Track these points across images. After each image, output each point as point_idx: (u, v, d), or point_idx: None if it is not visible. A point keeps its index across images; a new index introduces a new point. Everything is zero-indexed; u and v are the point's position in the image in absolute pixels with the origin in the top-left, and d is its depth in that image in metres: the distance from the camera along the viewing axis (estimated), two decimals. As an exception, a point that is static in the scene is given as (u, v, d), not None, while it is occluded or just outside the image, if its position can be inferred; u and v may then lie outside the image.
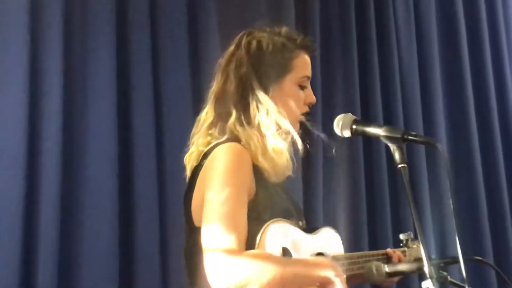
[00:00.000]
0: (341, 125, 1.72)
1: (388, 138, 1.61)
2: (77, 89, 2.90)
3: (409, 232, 2.20)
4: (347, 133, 1.72)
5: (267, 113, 1.77)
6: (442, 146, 1.65)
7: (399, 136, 1.60)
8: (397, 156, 1.58)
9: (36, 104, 2.76)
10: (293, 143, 1.82)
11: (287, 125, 1.79)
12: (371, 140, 3.56)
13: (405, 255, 2.15)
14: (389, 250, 2.14)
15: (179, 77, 3.11)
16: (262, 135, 1.76)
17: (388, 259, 2.10)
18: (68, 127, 2.82)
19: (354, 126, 1.71)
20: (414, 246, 2.19)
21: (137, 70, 3.02)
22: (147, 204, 2.92)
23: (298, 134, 1.83)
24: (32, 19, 2.79)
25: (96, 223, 2.78)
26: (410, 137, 1.60)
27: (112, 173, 2.85)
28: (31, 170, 2.70)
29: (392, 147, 1.59)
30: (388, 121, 3.70)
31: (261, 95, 1.78)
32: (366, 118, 3.61)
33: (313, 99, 1.90)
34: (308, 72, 1.89)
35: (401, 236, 2.20)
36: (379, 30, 3.88)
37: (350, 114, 1.74)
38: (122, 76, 2.99)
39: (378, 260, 2.02)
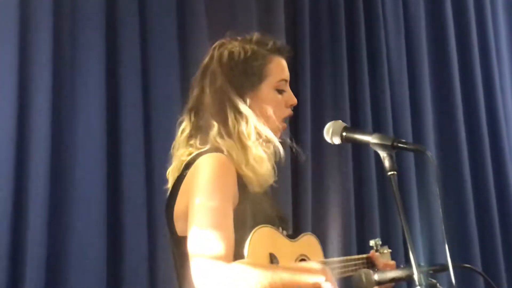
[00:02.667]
0: (331, 132, 1.72)
1: (378, 145, 1.61)
2: (66, 93, 2.89)
3: (377, 238, 2.21)
4: (337, 140, 1.72)
5: (247, 122, 1.77)
6: (431, 154, 1.66)
7: (389, 143, 1.60)
8: (386, 163, 1.58)
9: (24, 108, 2.75)
10: (276, 151, 1.82)
11: (267, 132, 1.79)
12: (360, 148, 3.57)
13: None
14: (372, 253, 2.14)
15: (168, 81, 3.11)
16: (242, 146, 1.75)
17: (370, 263, 2.11)
18: (56, 130, 2.81)
19: (344, 133, 1.70)
20: (385, 251, 2.20)
21: (126, 73, 3.02)
22: (135, 208, 2.91)
23: (280, 140, 1.83)
24: (21, 23, 2.79)
25: (84, 228, 2.77)
26: (400, 145, 1.60)
27: (101, 178, 2.85)
28: (19, 175, 2.69)
29: (382, 154, 1.60)
30: (377, 129, 3.71)
31: (238, 105, 1.78)
32: (356, 125, 3.62)
33: (294, 101, 1.90)
34: (284, 75, 1.89)
35: (371, 242, 2.20)
36: (369, 37, 3.89)
37: (340, 121, 1.74)
38: (111, 80, 2.98)
39: (359, 264, 2.03)
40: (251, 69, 1.82)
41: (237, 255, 1.60)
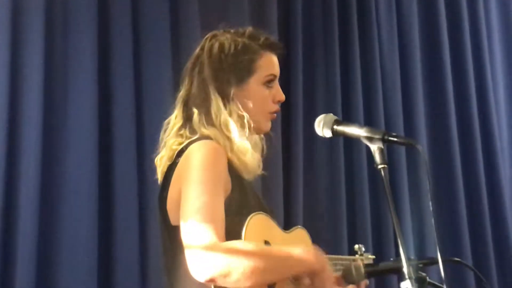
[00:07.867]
0: (322, 125, 1.72)
1: (369, 138, 1.61)
2: (58, 90, 2.89)
3: (362, 245, 2.14)
4: (328, 133, 1.72)
5: (230, 114, 1.78)
6: (422, 148, 1.66)
7: (379, 137, 1.60)
8: (377, 157, 1.58)
9: (15, 105, 2.75)
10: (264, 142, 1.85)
11: (250, 124, 1.79)
12: (351, 142, 3.57)
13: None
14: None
15: (160, 76, 3.10)
16: (225, 136, 1.77)
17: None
18: (48, 126, 2.81)
19: (335, 127, 1.70)
20: (368, 257, 2.15)
21: (118, 69, 3.02)
22: (127, 204, 2.92)
23: (266, 133, 1.87)
24: (13, 24, 2.78)
25: (75, 224, 2.78)
26: (390, 138, 1.60)
27: (92, 173, 2.85)
28: (9, 170, 2.69)
29: (373, 148, 1.59)
30: (369, 123, 3.71)
31: (223, 96, 1.80)
32: (347, 119, 3.61)
33: (282, 97, 1.90)
34: (274, 71, 1.88)
35: (356, 247, 2.13)
36: (361, 32, 3.89)
37: (331, 114, 1.74)
38: (103, 77, 2.98)
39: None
40: (240, 63, 1.83)
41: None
